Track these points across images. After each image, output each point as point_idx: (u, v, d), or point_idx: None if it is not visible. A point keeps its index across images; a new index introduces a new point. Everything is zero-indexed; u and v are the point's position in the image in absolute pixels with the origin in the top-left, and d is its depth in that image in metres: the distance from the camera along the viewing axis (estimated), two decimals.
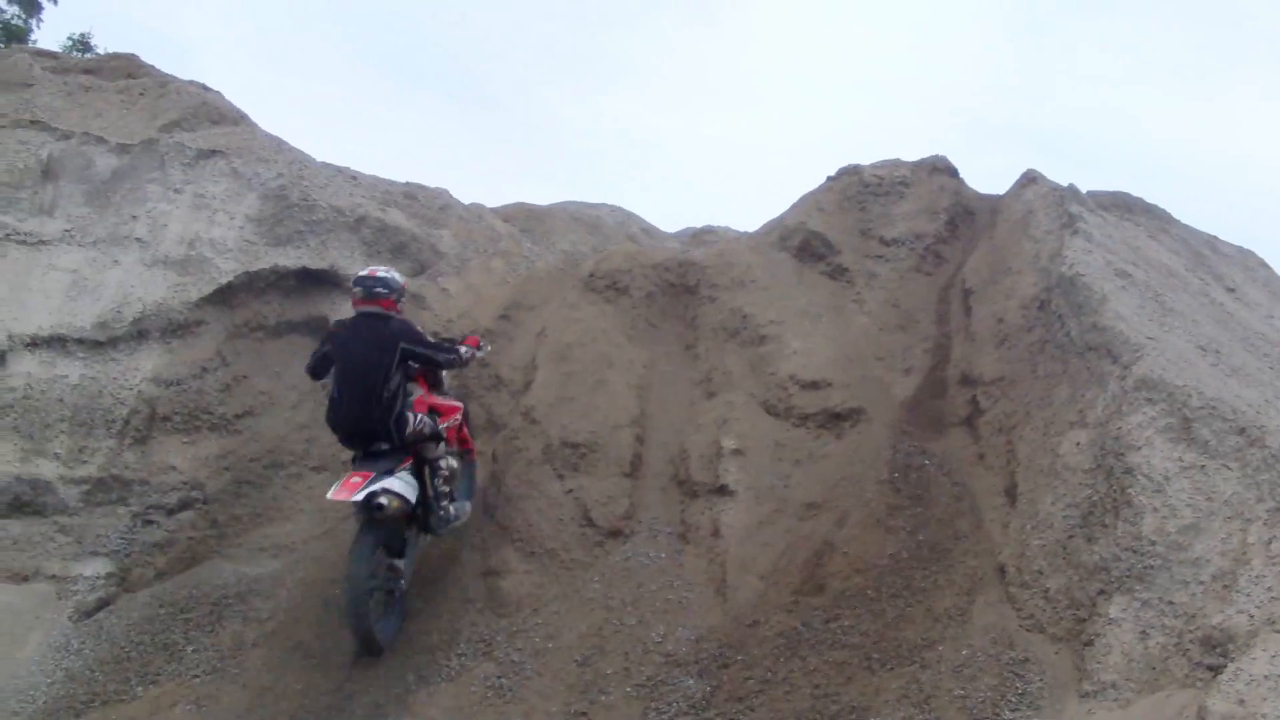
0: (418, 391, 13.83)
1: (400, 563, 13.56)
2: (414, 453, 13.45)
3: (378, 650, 13.21)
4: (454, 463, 14.27)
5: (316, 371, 13.49)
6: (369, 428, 12.97)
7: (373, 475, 12.69)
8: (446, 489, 13.99)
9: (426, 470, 13.69)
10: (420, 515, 13.74)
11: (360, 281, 13.37)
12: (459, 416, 14.66)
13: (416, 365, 13.53)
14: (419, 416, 13.38)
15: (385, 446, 13.00)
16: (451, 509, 14.12)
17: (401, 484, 12.96)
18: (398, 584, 13.63)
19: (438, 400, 14.22)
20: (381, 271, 13.50)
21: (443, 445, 13.87)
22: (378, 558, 13.08)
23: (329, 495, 12.64)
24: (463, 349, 14.01)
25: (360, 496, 12.47)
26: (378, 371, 12.92)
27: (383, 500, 12.66)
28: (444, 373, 14.49)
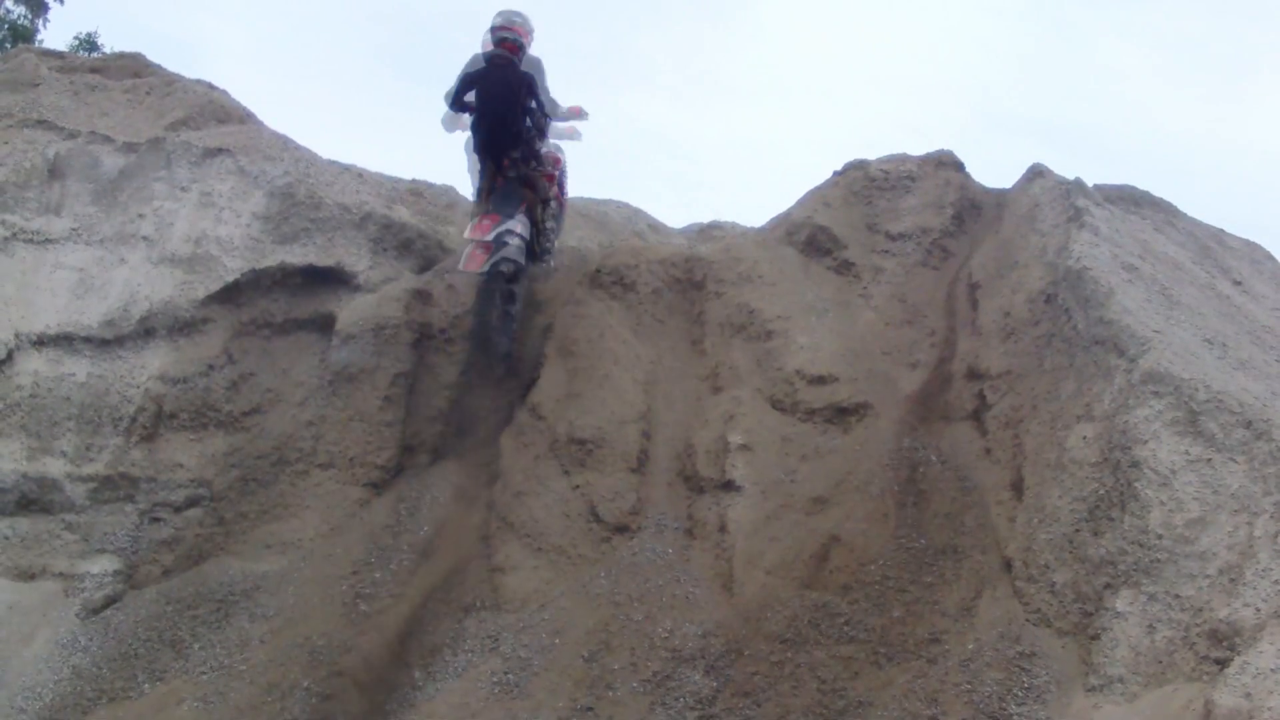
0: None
1: (516, 287, 16.25)
2: (528, 192, 16.35)
3: (504, 353, 16.31)
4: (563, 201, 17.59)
5: (454, 105, 16.17)
6: (505, 146, 15.96)
7: (493, 244, 15.58)
8: (554, 223, 17.27)
9: (539, 207, 16.64)
10: (530, 246, 16.45)
11: (494, 30, 15.96)
12: (563, 165, 17.58)
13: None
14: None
15: (516, 154, 15.99)
16: (555, 242, 17.34)
17: (518, 242, 15.85)
18: (513, 305, 16.31)
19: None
20: (515, 20, 16.12)
21: (554, 188, 17.11)
22: (499, 290, 16.02)
23: (459, 267, 15.85)
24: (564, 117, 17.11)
25: (486, 269, 15.52)
26: (512, 109, 15.79)
27: (503, 269, 15.69)
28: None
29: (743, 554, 13.67)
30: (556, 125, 17.24)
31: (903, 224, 17.08)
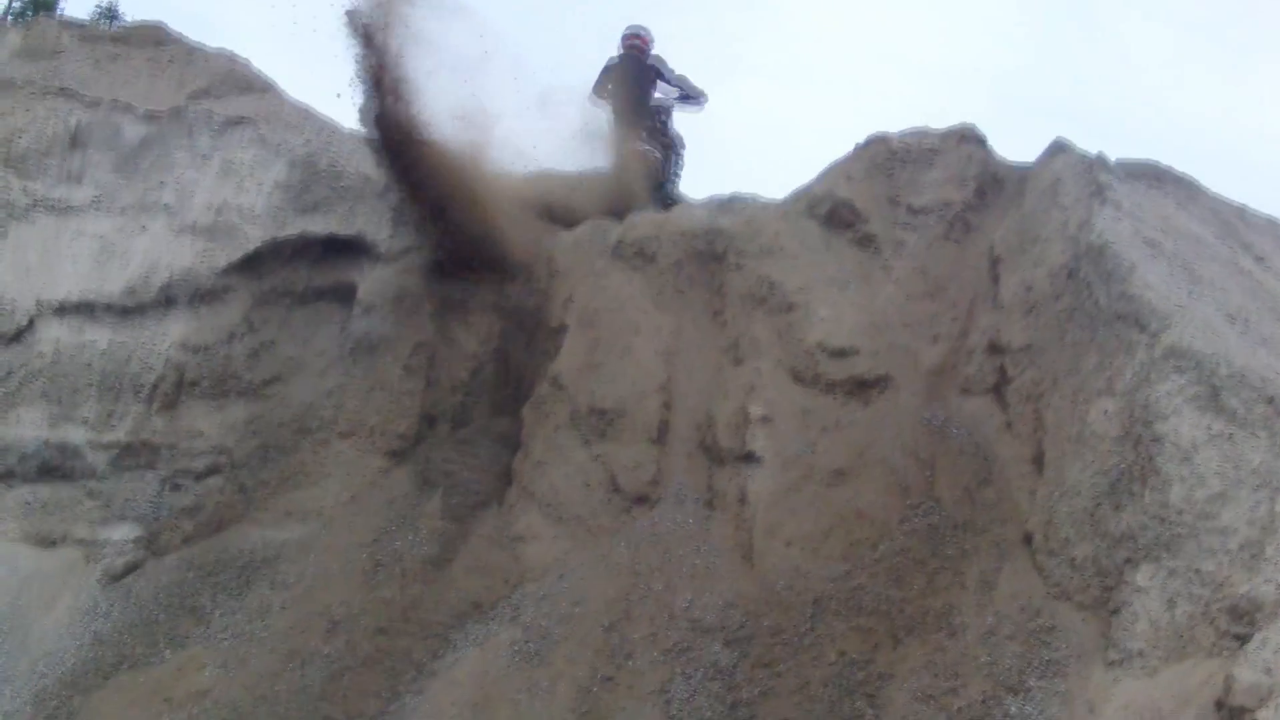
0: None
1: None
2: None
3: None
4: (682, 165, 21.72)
5: (597, 92, 20.77)
6: (634, 119, 20.50)
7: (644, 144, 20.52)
8: (676, 177, 21.42)
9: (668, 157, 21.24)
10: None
11: (628, 28, 20.95)
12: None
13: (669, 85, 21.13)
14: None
15: (645, 133, 20.64)
16: (675, 192, 21.02)
17: (659, 154, 20.87)
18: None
19: None
20: (640, 30, 21.04)
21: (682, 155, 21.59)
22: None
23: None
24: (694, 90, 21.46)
25: (644, 148, 20.30)
26: (641, 90, 20.71)
27: (655, 154, 20.63)
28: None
29: (763, 525, 13.67)
30: (685, 100, 21.51)
31: (924, 198, 16.99)
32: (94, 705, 13.66)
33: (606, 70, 20.82)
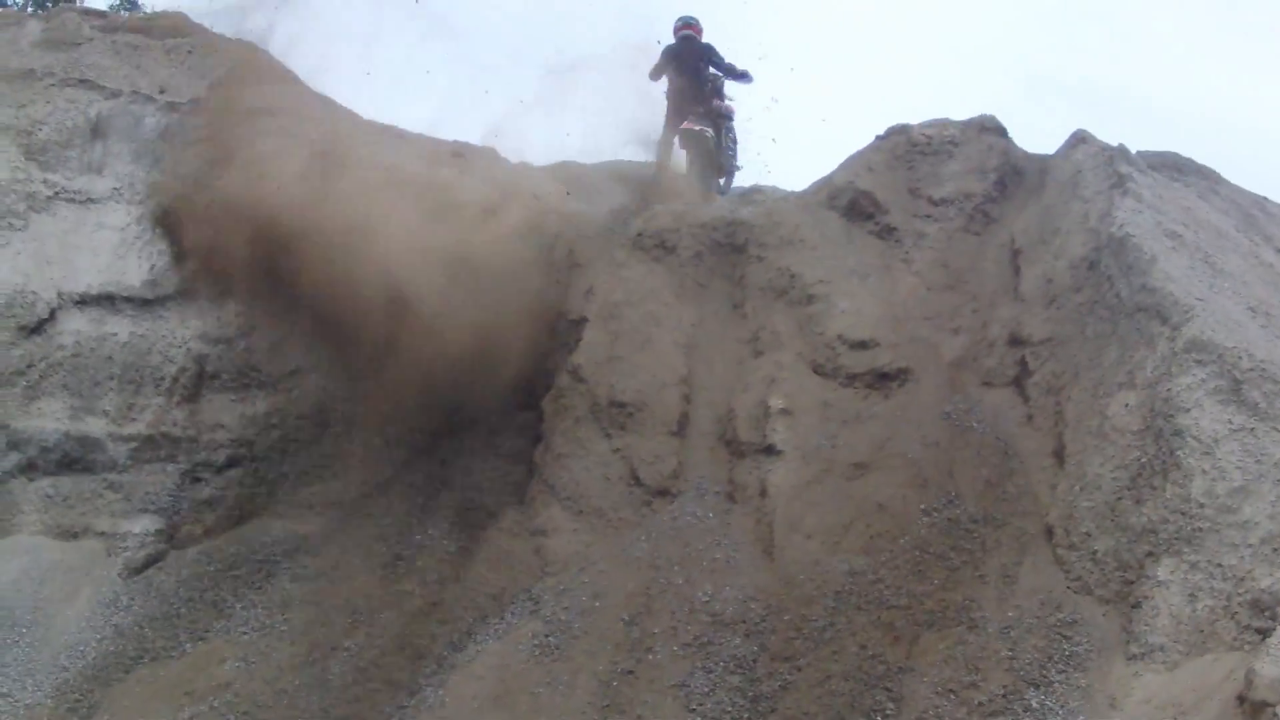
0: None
1: (711, 155, 22.10)
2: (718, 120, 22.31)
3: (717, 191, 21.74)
4: (735, 136, 22.99)
5: (655, 78, 21.88)
6: (692, 101, 21.64)
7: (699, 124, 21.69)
8: (732, 147, 22.76)
9: (722, 132, 22.41)
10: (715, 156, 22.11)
11: (679, 19, 22.15)
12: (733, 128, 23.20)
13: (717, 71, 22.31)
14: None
15: (701, 110, 21.72)
16: (730, 161, 22.79)
17: (712, 131, 21.84)
18: (710, 165, 22.09)
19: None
20: (691, 20, 22.27)
21: (732, 124, 22.79)
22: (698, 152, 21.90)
23: (682, 125, 21.31)
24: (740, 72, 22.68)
25: (698, 128, 21.42)
26: (697, 70, 21.80)
27: (709, 131, 21.69)
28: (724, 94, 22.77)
29: (783, 519, 13.64)
30: (733, 81, 22.54)
31: (945, 189, 16.94)
32: (115, 698, 13.70)
33: (666, 53, 22.09)
